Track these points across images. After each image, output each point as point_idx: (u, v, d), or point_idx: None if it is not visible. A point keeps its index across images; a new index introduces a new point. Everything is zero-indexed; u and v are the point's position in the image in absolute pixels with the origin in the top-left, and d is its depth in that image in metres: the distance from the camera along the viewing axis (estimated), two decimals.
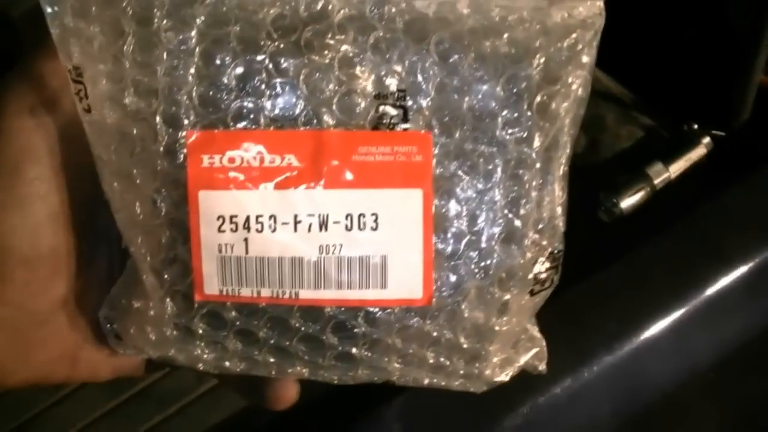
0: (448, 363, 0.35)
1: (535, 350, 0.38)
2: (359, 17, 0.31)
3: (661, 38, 0.66)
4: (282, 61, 0.30)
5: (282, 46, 0.30)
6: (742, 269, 0.54)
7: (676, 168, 0.61)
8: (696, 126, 0.63)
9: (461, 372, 0.35)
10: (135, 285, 0.33)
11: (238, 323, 0.33)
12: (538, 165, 0.33)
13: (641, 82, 0.69)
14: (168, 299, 0.33)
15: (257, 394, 0.37)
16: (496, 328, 0.34)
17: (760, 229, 0.56)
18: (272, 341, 0.33)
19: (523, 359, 0.37)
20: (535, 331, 0.38)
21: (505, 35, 0.32)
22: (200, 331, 0.33)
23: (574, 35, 0.32)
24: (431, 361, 0.34)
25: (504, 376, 0.36)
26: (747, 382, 0.64)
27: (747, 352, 0.57)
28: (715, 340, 0.55)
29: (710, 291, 0.54)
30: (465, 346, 0.34)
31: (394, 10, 0.31)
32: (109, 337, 0.35)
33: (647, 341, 0.52)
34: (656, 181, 0.60)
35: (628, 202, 0.59)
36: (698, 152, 0.62)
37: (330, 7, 0.31)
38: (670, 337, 0.52)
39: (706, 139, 0.62)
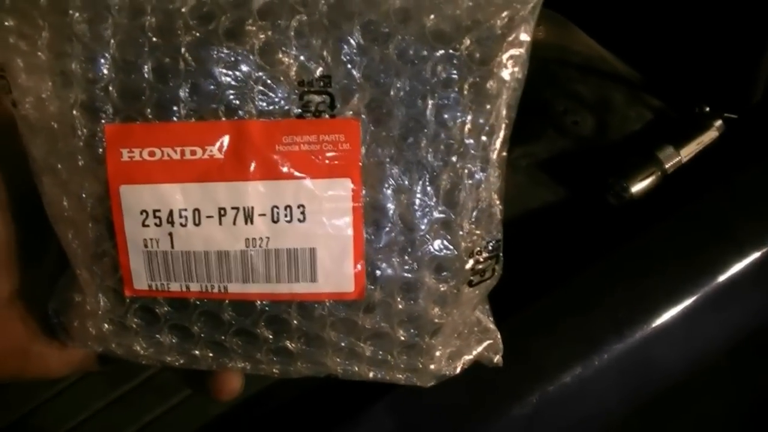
0: (388, 357, 0.34)
1: (488, 342, 0.36)
2: (280, 3, 0.30)
3: (672, 17, 0.65)
4: (200, 50, 0.29)
5: (199, 35, 0.29)
6: (754, 255, 0.53)
7: (688, 152, 0.60)
8: (707, 108, 0.62)
9: (404, 366, 0.34)
10: (75, 278, 0.33)
11: (170, 318, 0.32)
12: (472, 151, 0.31)
13: (650, 63, 0.68)
14: (100, 294, 0.32)
15: (202, 386, 0.37)
16: (435, 320, 0.33)
17: None
18: (207, 336, 0.33)
19: (475, 351, 0.36)
20: (489, 323, 0.37)
21: (432, 15, 0.30)
22: (134, 326, 0.33)
23: (507, 12, 0.31)
24: (369, 354, 0.33)
25: (453, 370, 0.35)
26: (757, 368, 0.63)
27: (759, 339, 0.56)
28: (726, 327, 0.54)
29: (722, 277, 0.53)
30: (402, 338, 0.33)
31: None
32: (58, 330, 0.35)
33: (658, 328, 0.51)
34: (667, 165, 0.59)
35: (638, 187, 0.58)
36: (710, 135, 0.61)
37: None
38: (681, 324, 0.52)
39: (718, 122, 0.61)
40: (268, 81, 0.30)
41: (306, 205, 0.30)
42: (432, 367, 0.34)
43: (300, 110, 0.30)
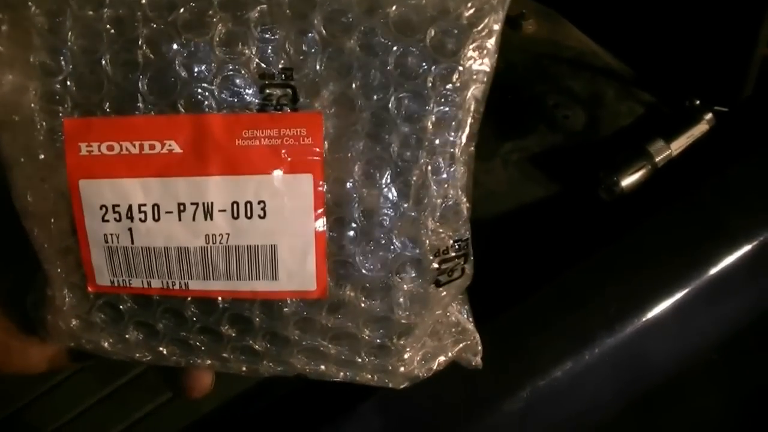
0: (356, 357, 0.33)
1: (465, 343, 0.36)
2: None
3: (663, 11, 0.65)
4: (159, 43, 0.29)
5: (156, 26, 0.29)
6: (745, 248, 0.53)
7: (678, 145, 0.60)
8: (698, 102, 0.62)
9: (374, 367, 0.33)
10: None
11: (134, 315, 0.32)
12: (437, 146, 0.30)
13: (641, 58, 0.67)
14: (66, 290, 0.32)
15: (175, 384, 0.37)
16: (403, 321, 0.32)
17: (764, 207, 0.55)
18: (171, 333, 0.32)
19: (451, 353, 0.35)
20: (467, 324, 0.36)
21: (394, 6, 0.29)
22: (99, 322, 0.32)
23: (472, 2, 0.29)
24: (334, 353, 0.33)
25: (427, 371, 0.35)
26: (751, 362, 0.63)
27: (751, 332, 0.56)
28: (718, 320, 0.54)
29: (713, 270, 0.52)
30: (369, 339, 0.32)
31: None
32: (37, 325, 0.34)
33: (649, 322, 0.51)
34: (657, 159, 0.59)
35: (628, 181, 0.58)
36: (700, 129, 0.61)
37: None
38: (673, 318, 0.51)
39: (708, 115, 0.61)
40: (229, 74, 0.29)
41: (267, 201, 0.29)
42: (402, 369, 0.34)
43: (261, 104, 0.29)
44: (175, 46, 0.29)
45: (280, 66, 0.29)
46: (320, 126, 0.29)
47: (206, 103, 0.29)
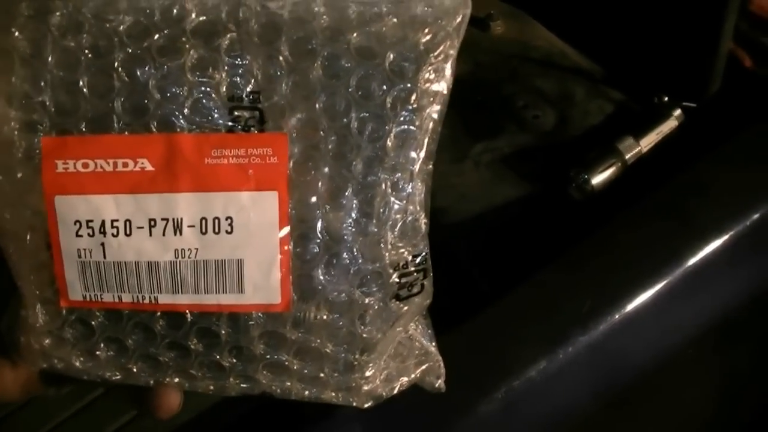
0: (320, 374, 0.34)
1: (428, 365, 0.37)
2: (213, 22, 0.31)
3: (629, 9, 0.65)
4: (133, 66, 0.31)
5: (132, 51, 0.31)
6: (717, 242, 0.53)
7: (647, 142, 0.60)
8: (666, 98, 0.62)
9: (336, 383, 0.35)
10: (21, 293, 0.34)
11: (105, 330, 0.33)
12: (395, 164, 0.32)
13: (609, 56, 0.68)
14: (39, 306, 0.33)
15: (142, 403, 0.37)
16: (364, 335, 0.33)
17: (734, 200, 0.56)
18: (140, 349, 0.33)
19: (414, 374, 0.37)
20: (430, 347, 0.37)
21: (355, 33, 0.31)
22: (71, 338, 0.33)
23: (432, 28, 0.32)
24: (296, 368, 0.34)
25: (390, 391, 0.36)
26: (727, 355, 0.63)
27: (727, 325, 0.57)
28: (692, 314, 0.55)
29: (687, 265, 0.53)
30: (330, 353, 0.34)
31: (248, 13, 0.31)
32: (10, 349, 0.35)
33: (623, 319, 0.51)
34: (627, 156, 0.59)
35: (599, 179, 0.58)
36: (669, 125, 0.61)
37: (184, 13, 0.31)
38: (647, 314, 0.52)
39: (677, 112, 0.62)
40: (200, 96, 0.31)
41: (234, 217, 0.31)
42: (365, 387, 0.35)
43: (230, 125, 0.31)
44: (149, 70, 0.31)
45: (248, 89, 0.31)
46: (285, 146, 0.31)
47: (178, 123, 0.31)
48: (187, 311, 0.32)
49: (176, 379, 0.34)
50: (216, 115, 0.31)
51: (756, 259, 0.56)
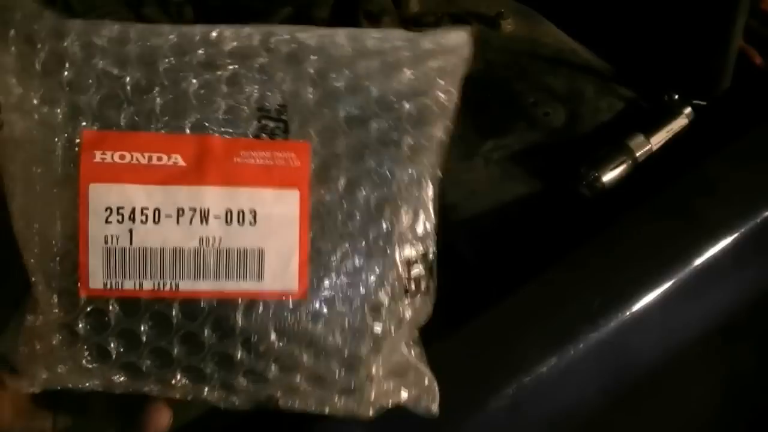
0: (327, 371, 0.35)
1: (422, 388, 0.38)
2: (248, 47, 0.35)
3: (639, 7, 0.65)
4: (176, 74, 0.34)
5: (175, 62, 0.34)
6: (726, 240, 0.53)
7: (658, 139, 0.60)
8: (677, 96, 0.62)
9: (341, 385, 0.36)
10: (27, 298, 0.34)
11: (120, 322, 0.34)
12: (409, 170, 0.35)
13: (620, 54, 0.68)
14: (55, 297, 0.33)
15: (131, 424, 0.37)
16: (374, 330, 0.35)
17: (743, 199, 0.56)
18: (153, 342, 0.34)
19: (409, 394, 0.38)
20: (427, 371, 0.39)
21: (375, 58, 0.36)
22: (83, 332, 0.34)
23: (440, 58, 0.37)
24: (305, 361, 0.35)
25: (390, 402, 0.37)
26: (734, 354, 0.63)
27: (733, 324, 0.57)
28: (701, 313, 0.55)
29: (695, 263, 0.53)
30: (340, 345, 0.35)
31: (279, 40, 0.35)
32: (3, 373, 0.35)
33: (633, 316, 0.51)
34: (638, 154, 0.59)
35: (609, 176, 0.58)
36: (680, 123, 0.61)
37: (222, 38, 0.35)
38: (656, 312, 0.52)
39: (688, 110, 0.62)
40: (233, 105, 0.34)
41: (258, 211, 0.33)
42: (369, 388, 0.36)
43: (257, 132, 0.34)
44: (189, 80, 0.34)
45: (276, 103, 0.34)
46: (308, 153, 0.34)
47: (210, 127, 0.34)
48: (203, 303, 0.33)
49: (183, 381, 0.35)
50: (245, 123, 0.34)
51: (763, 259, 0.56)
